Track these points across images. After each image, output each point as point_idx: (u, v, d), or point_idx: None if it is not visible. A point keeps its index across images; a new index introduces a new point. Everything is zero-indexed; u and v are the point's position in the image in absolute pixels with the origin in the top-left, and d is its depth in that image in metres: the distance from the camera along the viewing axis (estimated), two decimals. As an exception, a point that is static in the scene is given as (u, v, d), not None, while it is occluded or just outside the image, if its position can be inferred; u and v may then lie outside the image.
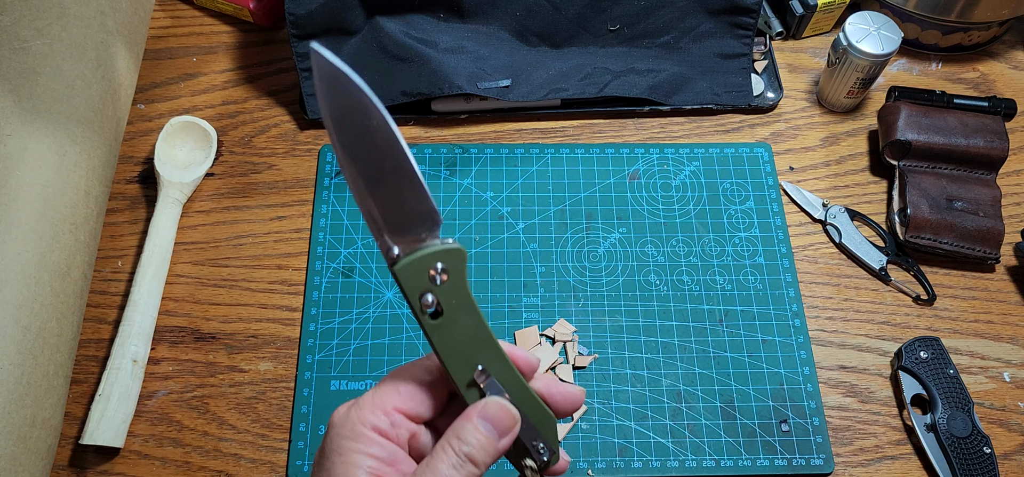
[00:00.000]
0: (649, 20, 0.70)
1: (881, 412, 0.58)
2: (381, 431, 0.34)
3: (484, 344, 0.35)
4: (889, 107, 0.67)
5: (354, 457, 0.33)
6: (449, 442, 0.34)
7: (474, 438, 0.34)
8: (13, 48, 0.55)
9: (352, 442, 0.33)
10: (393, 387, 0.35)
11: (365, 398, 0.35)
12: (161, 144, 0.65)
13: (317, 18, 0.65)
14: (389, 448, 0.34)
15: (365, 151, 0.32)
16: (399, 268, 0.33)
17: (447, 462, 0.33)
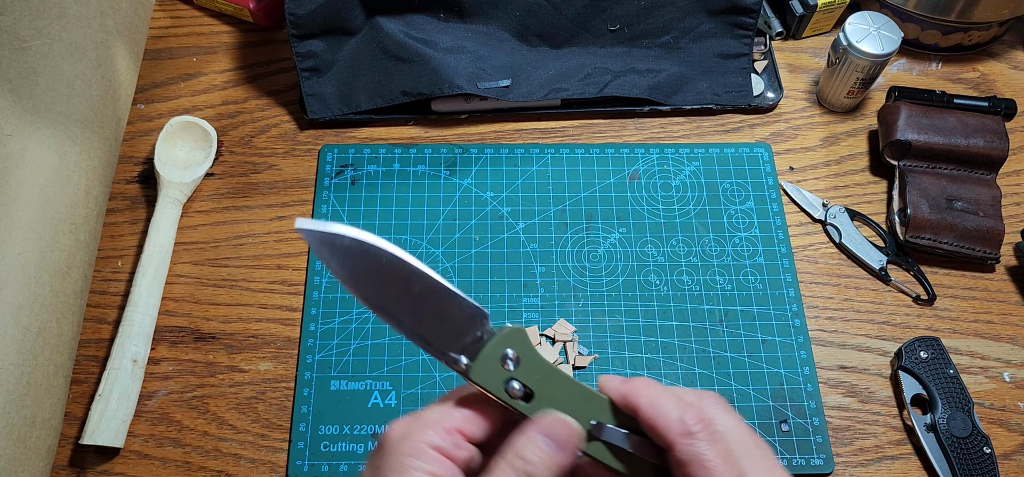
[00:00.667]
0: (649, 20, 0.70)
1: (881, 412, 0.58)
2: (442, 450, 0.33)
3: (585, 400, 0.34)
4: (889, 107, 0.67)
5: (416, 475, 0.32)
6: (507, 459, 0.33)
7: (534, 454, 0.33)
8: (13, 48, 0.55)
9: (414, 459, 0.32)
10: (453, 406, 0.35)
11: (426, 416, 0.34)
12: (161, 144, 0.65)
13: (317, 18, 0.65)
14: (449, 468, 0.33)
15: (389, 291, 0.33)
16: (474, 374, 0.34)
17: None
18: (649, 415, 0.33)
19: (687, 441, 0.32)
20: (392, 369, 0.58)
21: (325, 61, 0.68)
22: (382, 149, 0.68)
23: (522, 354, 0.34)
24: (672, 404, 0.33)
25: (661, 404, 0.33)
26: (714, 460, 0.32)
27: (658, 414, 0.33)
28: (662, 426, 0.33)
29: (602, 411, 0.34)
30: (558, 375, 0.34)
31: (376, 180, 0.66)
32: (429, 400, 0.57)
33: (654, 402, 0.33)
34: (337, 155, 0.67)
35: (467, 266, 0.63)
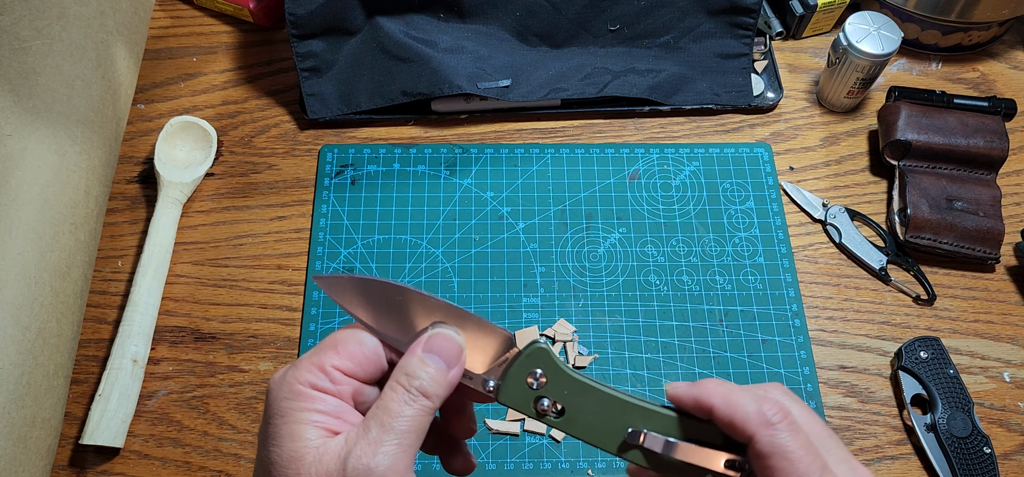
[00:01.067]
0: (649, 20, 0.70)
1: (881, 412, 0.58)
2: (320, 388, 0.33)
3: (619, 411, 0.34)
4: (889, 107, 0.67)
5: (298, 415, 0.32)
6: (398, 380, 0.33)
7: (423, 371, 0.34)
8: (13, 48, 0.55)
9: (293, 402, 0.33)
10: (332, 347, 0.34)
11: (301, 359, 0.34)
12: (161, 144, 0.65)
13: (317, 18, 0.65)
14: (332, 402, 0.33)
15: (410, 325, 0.35)
16: (502, 396, 0.35)
17: (398, 399, 0.33)
18: (725, 412, 0.33)
19: (769, 433, 0.32)
20: (392, 369, 0.58)
21: (325, 61, 0.68)
22: (382, 149, 0.68)
23: (548, 371, 0.34)
24: (748, 398, 0.33)
25: (735, 399, 0.33)
26: (797, 450, 0.31)
27: (735, 410, 0.32)
28: (740, 420, 0.32)
29: (639, 418, 0.34)
30: (587, 388, 0.34)
31: (376, 180, 0.66)
32: (429, 400, 0.57)
33: (728, 398, 0.33)
34: (337, 155, 0.67)
35: (467, 266, 0.63)
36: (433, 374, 0.34)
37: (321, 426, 0.32)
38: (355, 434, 0.32)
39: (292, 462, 0.32)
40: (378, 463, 0.31)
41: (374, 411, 0.33)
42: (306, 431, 0.32)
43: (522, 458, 0.55)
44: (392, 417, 0.32)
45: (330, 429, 0.32)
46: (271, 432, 0.33)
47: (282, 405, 0.33)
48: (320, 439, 0.32)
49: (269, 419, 0.33)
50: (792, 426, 0.32)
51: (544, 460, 0.55)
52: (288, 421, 0.33)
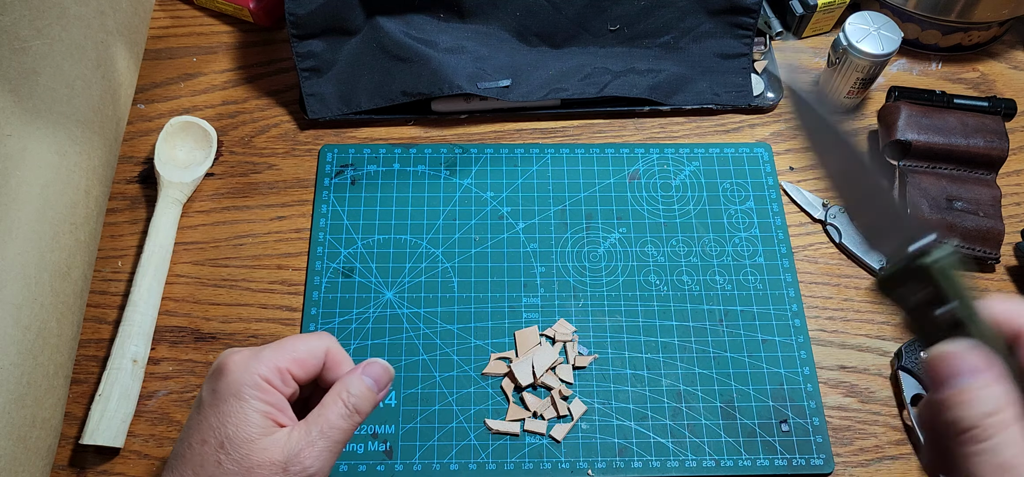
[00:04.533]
0: (649, 20, 0.70)
1: (881, 412, 0.58)
2: (274, 385, 0.40)
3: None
4: (889, 107, 0.67)
5: (254, 403, 0.39)
6: (339, 394, 0.41)
7: (358, 389, 0.42)
8: (13, 48, 0.55)
9: (251, 389, 0.39)
10: (290, 352, 0.41)
11: (263, 354, 0.41)
12: (161, 144, 0.65)
13: (317, 18, 0.65)
14: (277, 398, 0.40)
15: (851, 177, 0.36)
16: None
17: (337, 411, 0.41)
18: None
19: None
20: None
21: (325, 61, 0.68)
22: (382, 149, 0.68)
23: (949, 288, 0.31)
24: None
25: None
26: None
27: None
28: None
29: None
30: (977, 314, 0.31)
31: (376, 180, 0.66)
32: (429, 400, 0.57)
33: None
34: (337, 155, 0.67)
35: (467, 266, 0.63)
36: (364, 393, 0.42)
37: (268, 417, 0.39)
38: (298, 436, 0.39)
39: (244, 443, 0.38)
40: (314, 466, 0.39)
41: (317, 420, 0.40)
42: (258, 418, 0.39)
43: (522, 458, 0.55)
44: (331, 428, 0.40)
45: (274, 420, 0.39)
46: (226, 410, 0.39)
47: (242, 390, 0.39)
48: (266, 428, 0.39)
49: (224, 397, 0.39)
50: None
51: (544, 460, 0.55)
52: (244, 405, 0.39)
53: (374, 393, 0.43)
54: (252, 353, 0.41)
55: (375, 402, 0.43)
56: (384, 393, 0.44)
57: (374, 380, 0.43)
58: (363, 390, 0.42)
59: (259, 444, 0.38)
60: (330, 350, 0.43)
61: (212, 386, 0.40)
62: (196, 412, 0.41)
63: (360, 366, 0.43)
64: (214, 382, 0.40)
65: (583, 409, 0.57)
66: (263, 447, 0.38)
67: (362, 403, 0.42)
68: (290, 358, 0.41)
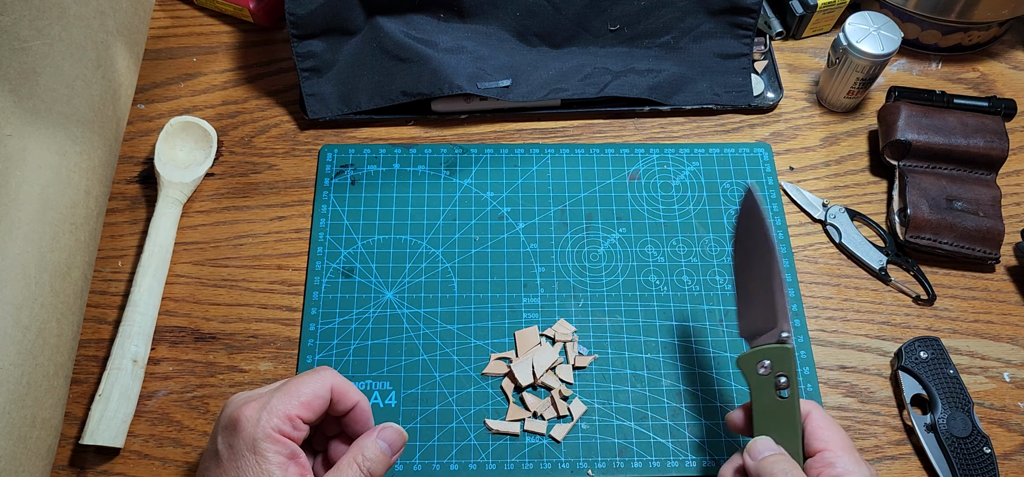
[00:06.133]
0: (649, 20, 0.70)
1: (881, 412, 0.58)
2: (285, 433, 0.41)
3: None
4: (889, 107, 0.67)
5: (271, 456, 0.40)
6: (354, 456, 0.43)
7: (373, 453, 0.43)
8: (13, 48, 0.55)
9: (267, 444, 0.41)
10: (294, 396, 0.42)
11: (272, 404, 0.42)
12: (161, 144, 0.65)
13: (317, 18, 0.65)
14: (291, 446, 0.42)
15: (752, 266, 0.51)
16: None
17: (351, 473, 0.42)
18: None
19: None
20: (392, 369, 0.58)
21: (325, 61, 0.68)
22: (382, 149, 0.68)
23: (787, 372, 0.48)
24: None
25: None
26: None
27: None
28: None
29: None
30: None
31: (376, 180, 0.66)
32: (429, 400, 0.57)
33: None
34: (337, 155, 0.67)
35: (467, 266, 0.63)
36: (379, 457, 0.43)
37: (282, 468, 0.40)
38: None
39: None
40: None
41: (332, 473, 0.42)
42: (278, 473, 0.40)
43: (522, 458, 0.55)
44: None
45: (286, 471, 0.41)
46: (245, 465, 0.40)
47: (259, 444, 0.40)
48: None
49: (241, 453, 0.41)
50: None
51: (544, 460, 0.55)
52: (263, 460, 0.40)
53: (387, 457, 0.44)
54: (261, 404, 0.42)
55: (388, 465, 0.44)
56: (396, 456, 0.45)
57: (388, 444, 0.44)
58: (377, 454, 0.44)
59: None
60: (334, 386, 0.44)
61: (228, 441, 0.41)
62: (214, 466, 0.42)
63: (376, 430, 0.45)
64: (230, 437, 0.41)
65: (583, 409, 0.57)
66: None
67: (376, 467, 0.43)
68: (298, 404, 0.42)
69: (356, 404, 0.46)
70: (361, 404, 0.47)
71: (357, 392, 0.46)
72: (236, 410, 0.42)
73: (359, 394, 0.46)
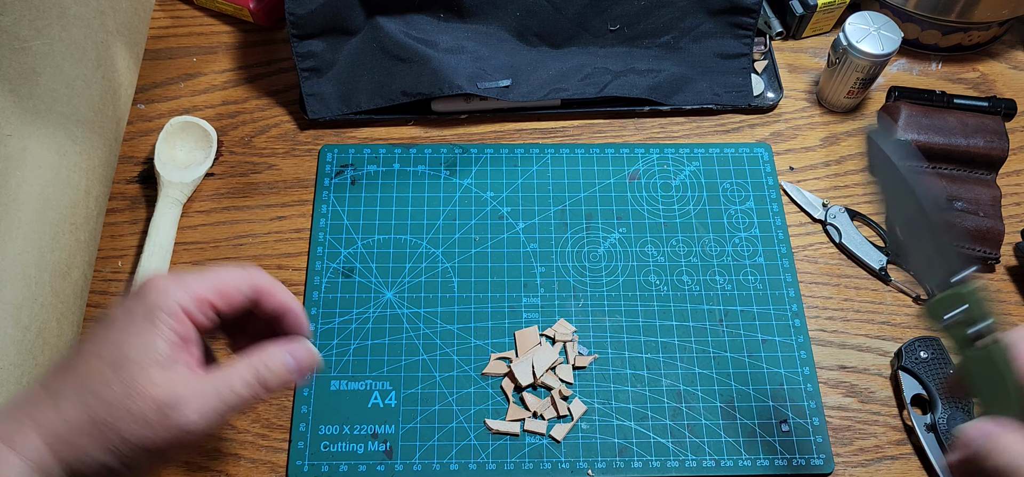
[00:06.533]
0: (649, 20, 0.70)
1: (881, 412, 0.58)
2: (189, 313, 0.38)
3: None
4: (889, 107, 0.67)
5: (161, 328, 0.37)
6: (253, 362, 0.39)
7: (276, 366, 0.39)
8: (13, 48, 0.55)
9: (165, 316, 0.37)
10: (217, 288, 0.39)
11: (186, 280, 0.38)
12: (161, 144, 0.65)
13: (317, 18, 0.65)
14: (189, 329, 0.38)
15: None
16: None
17: (242, 377, 0.38)
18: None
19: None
20: (392, 369, 0.58)
21: (325, 61, 0.68)
22: (382, 149, 0.68)
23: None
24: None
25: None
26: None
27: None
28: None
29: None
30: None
31: (376, 180, 0.66)
32: (429, 400, 0.57)
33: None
34: (337, 155, 0.67)
35: (467, 266, 0.63)
36: (281, 372, 0.39)
37: (174, 347, 0.37)
38: (192, 384, 0.37)
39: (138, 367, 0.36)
40: (196, 423, 0.37)
41: (218, 376, 0.38)
42: (162, 346, 0.37)
43: (522, 458, 0.55)
44: (229, 391, 0.37)
45: (179, 353, 0.37)
46: (133, 330, 0.37)
47: (156, 314, 0.37)
48: (166, 360, 0.37)
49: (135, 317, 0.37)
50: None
51: (544, 460, 0.55)
52: (153, 330, 0.37)
53: (290, 376, 0.40)
54: (173, 278, 0.39)
55: (288, 384, 0.40)
56: (304, 379, 0.41)
57: (295, 361, 0.40)
58: (280, 369, 0.39)
59: (150, 373, 0.36)
60: (258, 284, 0.41)
61: (127, 306, 0.38)
62: (102, 326, 0.38)
63: (288, 341, 0.41)
64: (132, 302, 0.38)
65: (583, 409, 0.57)
66: (153, 379, 0.36)
67: (273, 380, 0.39)
68: (213, 289, 0.39)
69: (287, 309, 0.42)
70: (294, 310, 0.42)
71: (289, 297, 0.42)
72: (149, 280, 0.39)
73: (292, 300, 0.42)
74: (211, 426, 0.37)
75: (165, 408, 0.36)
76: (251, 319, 0.43)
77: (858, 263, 0.64)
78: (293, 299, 0.42)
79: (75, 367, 0.37)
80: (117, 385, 0.36)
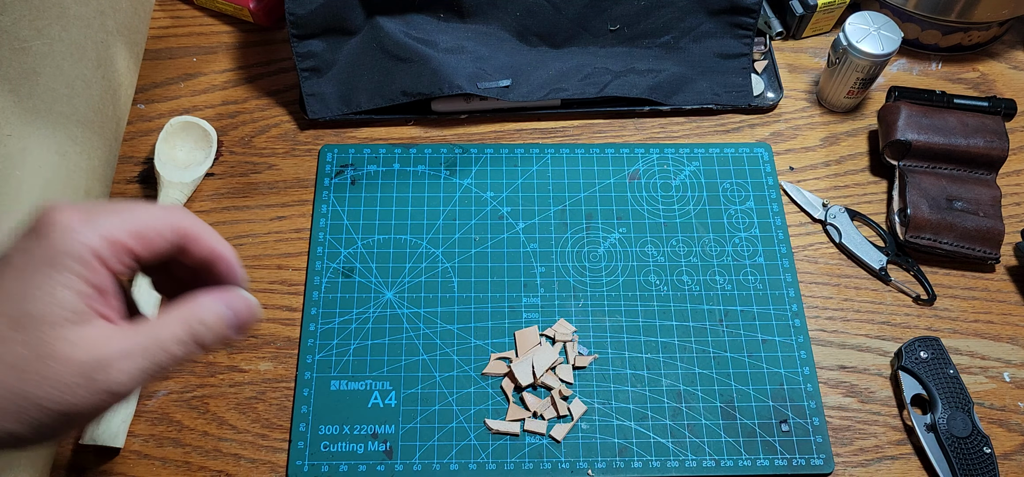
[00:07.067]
0: (649, 20, 0.70)
1: (881, 412, 0.58)
2: (102, 259, 0.32)
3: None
4: (889, 107, 0.67)
5: (69, 277, 0.31)
6: (186, 317, 0.33)
7: (213, 320, 0.34)
8: (13, 48, 0.55)
9: (73, 262, 0.31)
10: (127, 220, 0.33)
11: (99, 219, 0.32)
12: (161, 144, 0.65)
13: (317, 18, 0.65)
14: (104, 278, 0.32)
15: None
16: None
17: (173, 334, 0.33)
18: None
19: None
20: (392, 369, 0.58)
21: (325, 61, 0.68)
22: (382, 149, 0.68)
23: None
24: None
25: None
26: None
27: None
28: None
29: None
30: None
31: (376, 180, 0.66)
32: (429, 400, 0.57)
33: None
34: (337, 155, 0.67)
35: (467, 266, 0.63)
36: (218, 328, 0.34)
37: (86, 300, 0.31)
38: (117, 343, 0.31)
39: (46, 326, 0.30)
40: (124, 385, 0.31)
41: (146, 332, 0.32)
42: (71, 299, 0.31)
43: (522, 458, 0.55)
44: (159, 349, 0.32)
45: (93, 306, 0.31)
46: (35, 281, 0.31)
47: (62, 259, 0.31)
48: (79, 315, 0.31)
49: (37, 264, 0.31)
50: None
51: (544, 460, 0.55)
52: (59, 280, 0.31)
53: (229, 330, 0.35)
54: (84, 215, 0.32)
55: (226, 339, 0.35)
56: (241, 332, 0.36)
57: (233, 312, 0.35)
58: (217, 323, 0.34)
59: (63, 333, 0.30)
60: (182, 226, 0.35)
61: (27, 245, 0.32)
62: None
63: (221, 291, 0.35)
64: (31, 240, 0.32)
65: (583, 409, 0.57)
66: (68, 339, 0.31)
67: (209, 336, 0.34)
68: (130, 230, 0.33)
69: (218, 256, 0.36)
70: (225, 257, 0.36)
71: (220, 241, 0.36)
72: (52, 213, 0.32)
73: (223, 245, 0.36)
74: (139, 386, 0.32)
75: (89, 371, 0.31)
76: (176, 263, 0.37)
77: (858, 263, 0.64)
78: (224, 244, 0.36)
79: None
80: (22, 347, 0.30)
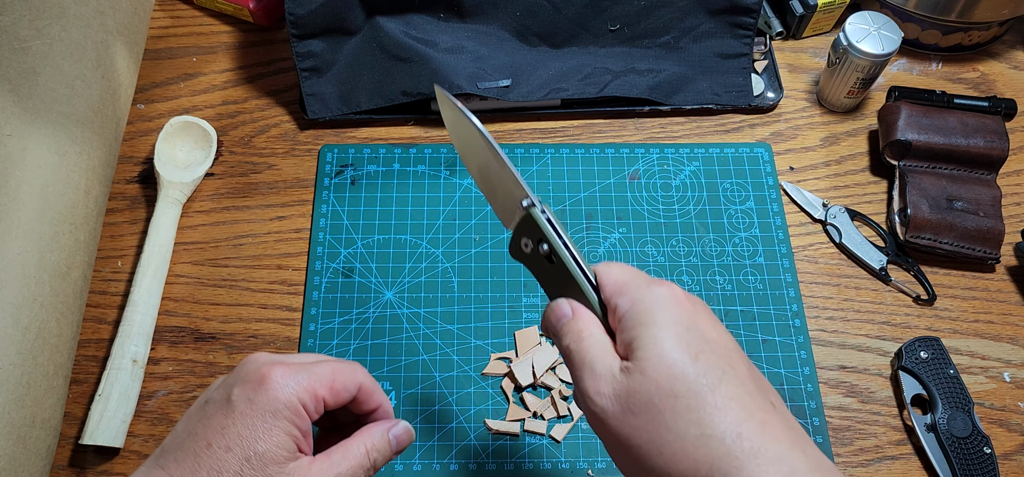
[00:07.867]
0: (649, 20, 0.70)
1: (881, 412, 0.58)
2: (306, 409, 0.39)
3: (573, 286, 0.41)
4: (889, 107, 0.67)
5: (287, 425, 0.38)
6: (364, 442, 0.42)
7: (382, 445, 0.42)
8: (13, 48, 0.55)
9: (289, 412, 0.38)
10: (326, 378, 0.40)
11: (302, 377, 0.40)
12: (161, 144, 0.65)
13: (317, 18, 0.65)
14: (307, 424, 0.40)
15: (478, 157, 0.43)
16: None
17: (358, 459, 0.41)
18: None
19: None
20: (392, 369, 0.58)
21: (325, 61, 0.68)
22: (382, 149, 0.68)
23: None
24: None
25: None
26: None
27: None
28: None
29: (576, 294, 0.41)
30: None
31: (376, 180, 0.66)
32: (429, 400, 0.57)
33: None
34: (337, 155, 0.67)
35: (467, 266, 0.63)
36: (385, 452, 0.42)
37: (296, 442, 0.39)
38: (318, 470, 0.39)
39: (272, 463, 0.38)
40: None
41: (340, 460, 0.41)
42: (288, 442, 0.38)
43: (522, 458, 0.55)
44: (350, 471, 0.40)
45: (299, 446, 0.39)
46: (261, 426, 0.38)
47: (281, 409, 0.38)
48: (291, 454, 0.39)
49: (260, 411, 0.38)
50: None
51: (544, 460, 0.55)
52: (279, 426, 0.38)
53: (393, 453, 0.44)
54: (293, 371, 0.40)
55: (389, 459, 0.44)
56: (398, 453, 0.45)
57: (396, 440, 0.43)
58: (385, 448, 0.43)
59: (284, 469, 0.38)
60: (363, 385, 0.43)
61: (249, 395, 0.39)
62: (222, 413, 0.39)
63: (388, 424, 0.44)
64: (252, 391, 0.39)
65: (583, 409, 0.57)
66: (286, 473, 0.38)
67: (380, 459, 0.43)
68: (328, 387, 0.41)
69: (379, 407, 0.45)
70: (384, 407, 0.45)
71: (382, 395, 0.45)
72: (264, 367, 0.40)
73: (383, 397, 0.45)
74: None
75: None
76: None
77: (858, 263, 0.64)
78: (386, 399, 0.45)
79: (204, 458, 0.38)
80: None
